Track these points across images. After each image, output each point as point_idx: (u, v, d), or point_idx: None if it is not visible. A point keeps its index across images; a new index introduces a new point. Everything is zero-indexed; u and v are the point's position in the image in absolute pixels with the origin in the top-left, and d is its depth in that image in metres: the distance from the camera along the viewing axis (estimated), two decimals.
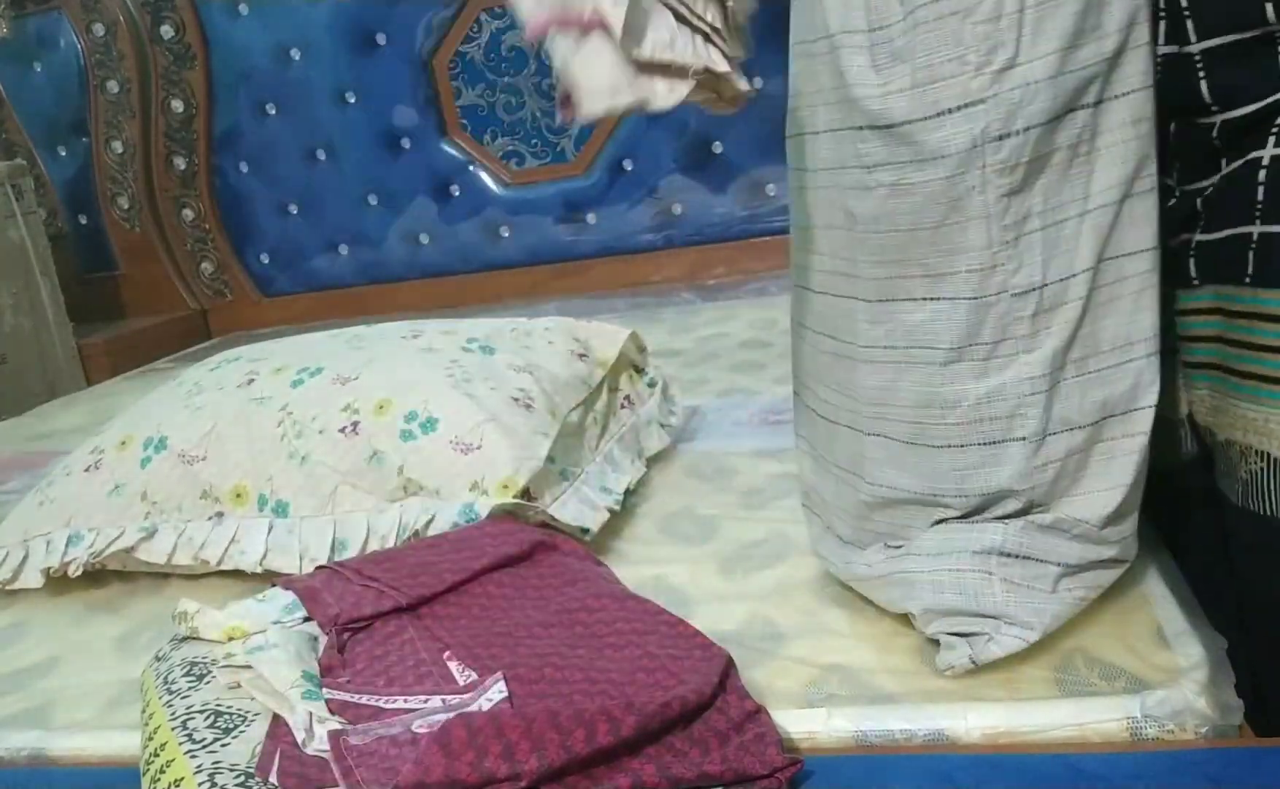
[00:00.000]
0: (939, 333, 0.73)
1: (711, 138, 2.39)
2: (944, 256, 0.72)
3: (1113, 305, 0.72)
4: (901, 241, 0.73)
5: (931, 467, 0.75)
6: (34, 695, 0.94)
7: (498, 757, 0.59)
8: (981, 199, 0.70)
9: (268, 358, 1.26)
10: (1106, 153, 0.70)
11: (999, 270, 0.71)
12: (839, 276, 0.79)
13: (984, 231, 0.70)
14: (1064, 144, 0.69)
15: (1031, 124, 0.68)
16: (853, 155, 0.74)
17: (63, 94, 2.72)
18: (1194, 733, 0.66)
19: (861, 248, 0.76)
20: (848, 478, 0.82)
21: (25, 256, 2.41)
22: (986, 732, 0.68)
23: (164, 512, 1.11)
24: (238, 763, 0.66)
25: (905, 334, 0.75)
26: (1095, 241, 0.71)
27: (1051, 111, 0.68)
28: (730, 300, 2.18)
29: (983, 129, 0.68)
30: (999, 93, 0.68)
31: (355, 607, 0.81)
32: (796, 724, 0.70)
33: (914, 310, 0.74)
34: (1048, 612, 0.73)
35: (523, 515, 0.98)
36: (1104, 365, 0.72)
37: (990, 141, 0.68)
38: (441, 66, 2.50)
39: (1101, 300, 0.72)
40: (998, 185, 0.69)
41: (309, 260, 2.76)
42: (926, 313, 0.73)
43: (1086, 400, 0.72)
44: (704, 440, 1.34)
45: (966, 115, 0.68)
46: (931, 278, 0.73)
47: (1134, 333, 0.72)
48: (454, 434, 1.06)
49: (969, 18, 0.67)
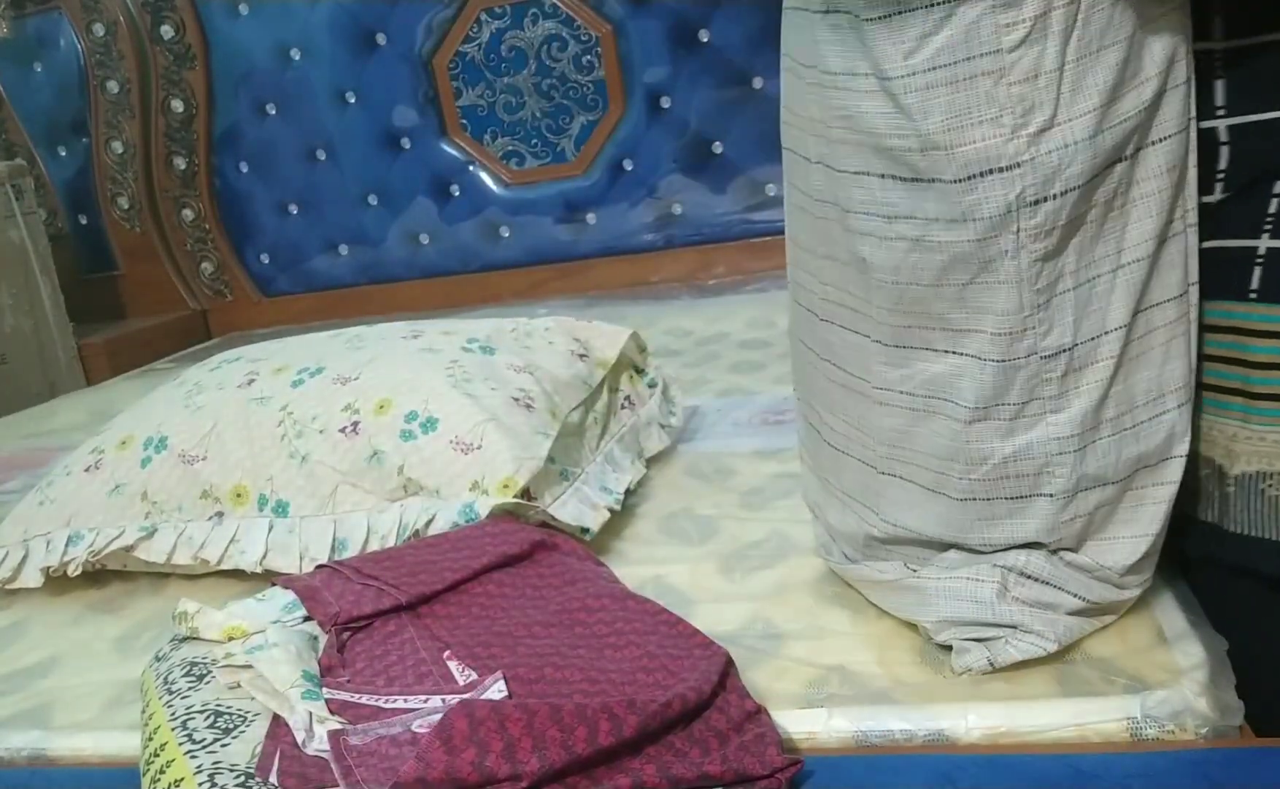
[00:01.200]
0: (962, 389, 0.70)
1: (711, 138, 2.39)
2: (969, 315, 0.69)
3: (1144, 358, 0.70)
4: (922, 295, 0.70)
5: (954, 516, 0.74)
6: (34, 695, 0.94)
7: (499, 756, 0.59)
8: (1014, 264, 0.66)
9: (268, 358, 1.26)
10: (1141, 204, 0.67)
11: (1029, 334, 0.68)
12: (847, 311, 0.76)
13: (1015, 296, 0.67)
14: (1100, 201, 0.66)
15: (1069, 187, 0.65)
16: (869, 201, 0.70)
17: (63, 94, 2.72)
18: (1194, 733, 0.66)
19: (876, 293, 0.72)
20: (856, 508, 0.81)
21: (25, 256, 2.41)
22: (986, 732, 0.68)
23: (164, 511, 1.11)
24: (238, 763, 0.66)
25: (924, 383, 0.72)
26: (1128, 297, 0.68)
27: (1091, 172, 0.65)
28: (730, 300, 2.18)
29: (1018, 194, 0.64)
30: (1036, 157, 0.64)
31: (355, 605, 0.81)
32: (796, 724, 0.70)
33: (934, 361, 0.71)
34: (1060, 625, 0.73)
35: (523, 515, 0.98)
36: (1139, 420, 0.70)
37: (1025, 206, 0.65)
38: (441, 66, 2.50)
39: (1134, 354, 0.69)
40: (1031, 250, 0.66)
41: (309, 260, 2.76)
42: (948, 366, 0.71)
43: (1122, 457, 0.70)
44: (704, 440, 1.34)
45: (1002, 180, 0.64)
46: (954, 333, 0.70)
47: (1165, 383, 0.70)
48: (454, 434, 1.06)
49: (1004, 78, 0.63)
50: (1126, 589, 0.74)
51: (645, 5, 2.34)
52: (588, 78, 2.43)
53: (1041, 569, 0.72)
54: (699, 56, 2.35)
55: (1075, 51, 0.63)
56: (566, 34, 2.41)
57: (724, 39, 2.32)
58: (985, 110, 0.64)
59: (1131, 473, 0.71)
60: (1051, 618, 0.73)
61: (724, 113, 2.36)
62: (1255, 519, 0.71)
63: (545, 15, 2.40)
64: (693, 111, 2.39)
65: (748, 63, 2.31)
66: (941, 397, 0.71)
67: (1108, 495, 0.71)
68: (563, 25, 2.40)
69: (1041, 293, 0.67)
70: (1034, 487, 0.71)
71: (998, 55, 0.63)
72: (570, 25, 2.40)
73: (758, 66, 2.30)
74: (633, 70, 2.39)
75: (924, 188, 0.67)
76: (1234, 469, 0.72)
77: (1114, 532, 0.73)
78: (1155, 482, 0.72)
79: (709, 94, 2.36)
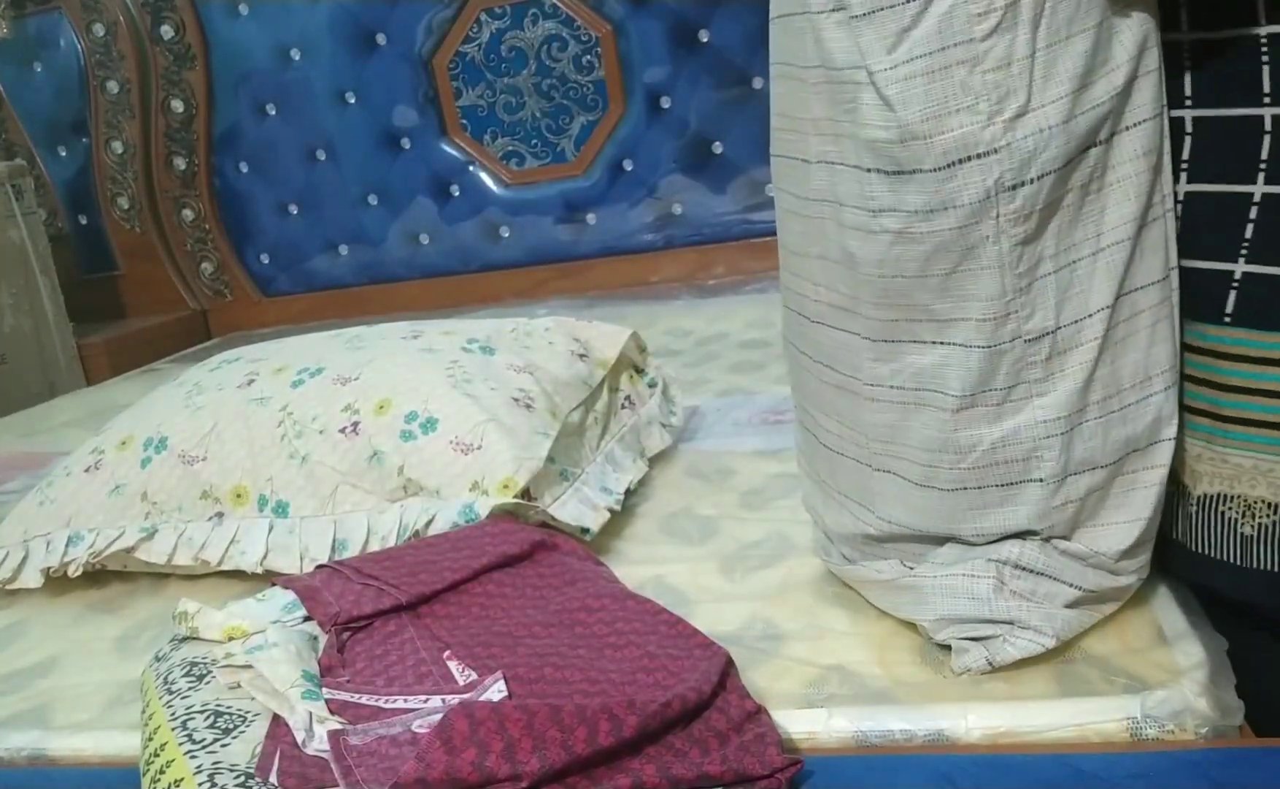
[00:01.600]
0: (948, 378, 0.71)
1: (711, 138, 2.39)
2: (954, 303, 0.70)
3: (1130, 340, 0.70)
4: (907, 287, 0.71)
5: (945, 507, 0.74)
6: (34, 695, 0.94)
7: (499, 756, 0.59)
8: (995, 249, 0.67)
9: (268, 358, 1.26)
10: (1118, 187, 0.68)
11: (1012, 318, 0.69)
12: (837, 310, 0.77)
13: (997, 281, 0.68)
14: (1076, 185, 0.68)
15: (1045, 171, 0.66)
16: (856, 195, 0.71)
17: (63, 94, 2.72)
18: (1194, 733, 0.66)
19: (863, 288, 0.73)
20: (852, 507, 0.82)
21: (25, 257, 2.41)
22: (986, 732, 0.68)
23: (164, 512, 1.11)
24: (238, 763, 0.66)
25: (913, 376, 0.73)
26: (1109, 280, 0.69)
27: (1066, 156, 0.66)
28: (730, 300, 2.18)
29: (996, 179, 0.66)
30: (1012, 142, 0.65)
31: (355, 605, 0.81)
32: (796, 724, 0.70)
33: (922, 353, 0.72)
34: (1059, 618, 0.73)
35: (523, 515, 0.98)
36: (1126, 403, 0.71)
37: (1004, 191, 0.66)
38: (441, 66, 2.50)
39: (1119, 337, 0.70)
40: (1011, 234, 0.67)
41: (309, 260, 2.76)
42: (935, 357, 0.72)
43: (1110, 440, 0.71)
44: (704, 440, 1.34)
45: (980, 166, 0.66)
46: (939, 323, 0.71)
47: (1151, 366, 0.71)
48: (454, 434, 1.06)
49: (978, 66, 0.65)
50: (1123, 576, 0.74)
51: (645, 5, 2.34)
52: (588, 78, 2.43)
53: (1036, 559, 0.73)
54: (699, 57, 2.35)
55: (1045, 38, 0.65)
56: (566, 34, 2.41)
57: (724, 39, 2.32)
58: (961, 98, 0.65)
59: (1121, 457, 0.72)
60: (1049, 611, 0.73)
61: (724, 113, 2.36)
62: (1215, 540, 0.72)
63: (545, 15, 2.41)
64: (693, 112, 2.39)
65: (748, 63, 2.31)
66: (930, 388, 0.72)
67: (1098, 480, 0.72)
68: (563, 25, 2.40)
69: (1023, 277, 0.68)
70: (1024, 472, 0.72)
71: (971, 44, 0.65)
72: (570, 25, 2.40)
73: (758, 66, 2.30)
74: (633, 70, 2.39)
75: (905, 180, 0.68)
76: (1196, 489, 0.73)
77: (1106, 517, 0.73)
78: (1145, 465, 0.73)
79: (709, 94, 2.36)
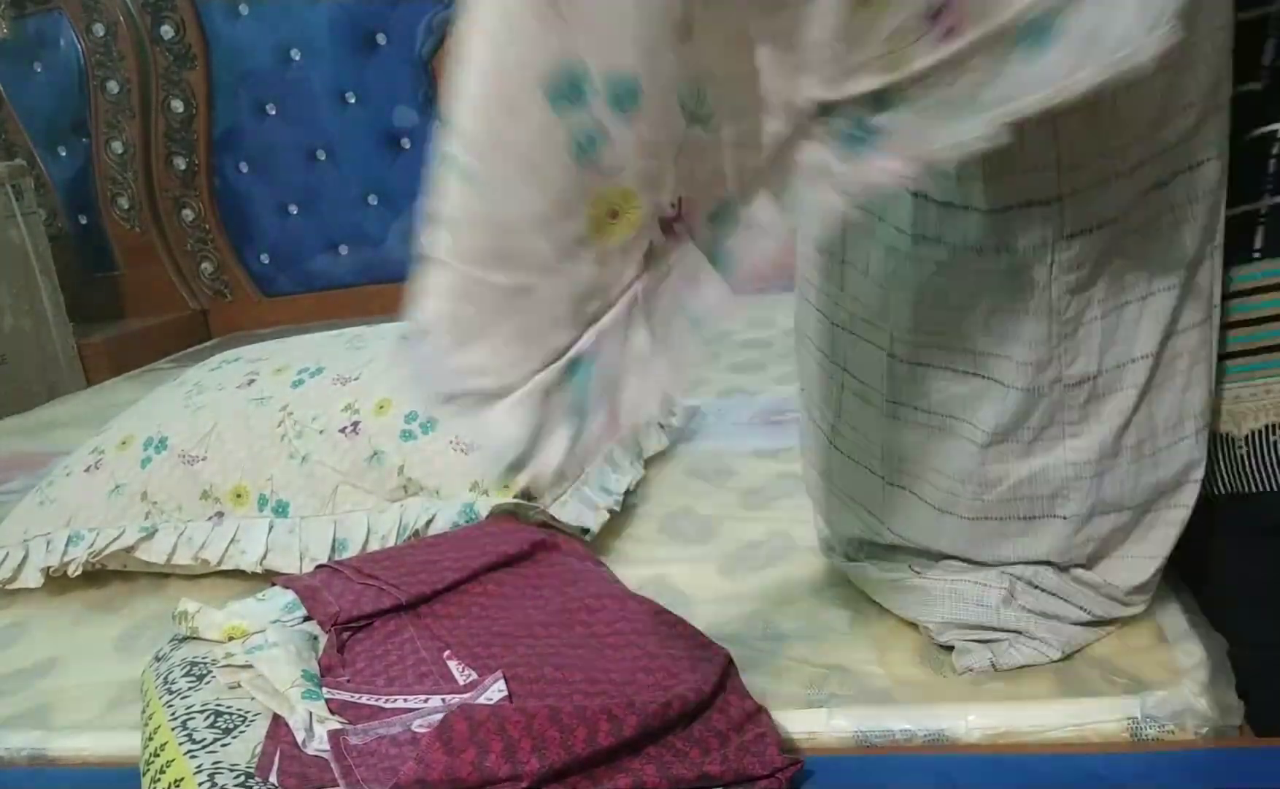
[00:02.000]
0: (981, 411, 0.69)
1: None
2: (995, 341, 0.67)
3: (1167, 384, 0.68)
4: (947, 318, 0.69)
5: (964, 533, 0.73)
6: (34, 695, 0.94)
7: (499, 756, 0.59)
8: (1045, 296, 0.65)
9: (268, 358, 1.26)
10: (1174, 231, 0.65)
11: (1054, 363, 0.66)
12: (864, 322, 0.75)
13: (1044, 327, 0.65)
14: (1134, 229, 0.65)
15: (1106, 220, 0.63)
16: (902, 217, 0.69)
17: (63, 94, 2.72)
18: (1194, 733, 0.66)
19: (899, 309, 0.71)
20: (861, 514, 0.81)
21: (25, 257, 2.41)
22: (987, 732, 0.68)
23: (164, 512, 1.11)
24: (238, 763, 0.66)
25: (941, 402, 0.71)
26: (1156, 324, 0.66)
27: (1129, 203, 0.63)
28: None
29: (1057, 227, 0.63)
30: (1077, 190, 0.62)
31: (355, 605, 0.81)
32: (797, 724, 0.70)
33: (954, 381, 0.70)
34: (1064, 633, 0.73)
35: (523, 515, 0.98)
36: (1159, 447, 0.69)
37: (1062, 239, 0.63)
38: (441, 66, 2.50)
39: (1159, 382, 0.68)
40: (1064, 281, 0.64)
41: (309, 260, 2.75)
42: (969, 388, 0.70)
43: (1140, 484, 0.70)
44: (704, 440, 1.34)
45: (1041, 213, 0.63)
46: (977, 355, 0.69)
47: (1185, 410, 0.69)
48: (454, 434, 1.06)
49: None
50: (1130, 606, 0.74)
51: None
52: None
53: (1050, 582, 0.72)
54: None
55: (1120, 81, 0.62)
56: None
57: None
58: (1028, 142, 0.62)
59: (1148, 499, 0.70)
60: (1056, 626, 0.73)
61: None
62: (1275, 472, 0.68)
63: None
64: None
65: None
66: (960, 417, 0.71)
67: (1123, 520, 0.70)
68: None
69: (1069, 323, 0.66)
70: (1048, 508, 0.70)
71: None
72: None
73: None
74: None
75: (958, 213, 0.66)
76: (1243, 429, 0.69)
77: (1125, 551, 0.72)
78: (1170, 504, 0.71)
79: None
